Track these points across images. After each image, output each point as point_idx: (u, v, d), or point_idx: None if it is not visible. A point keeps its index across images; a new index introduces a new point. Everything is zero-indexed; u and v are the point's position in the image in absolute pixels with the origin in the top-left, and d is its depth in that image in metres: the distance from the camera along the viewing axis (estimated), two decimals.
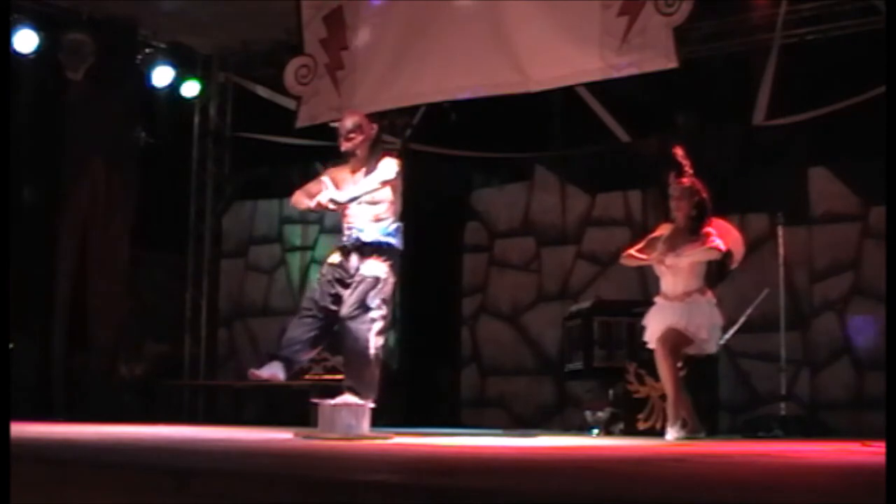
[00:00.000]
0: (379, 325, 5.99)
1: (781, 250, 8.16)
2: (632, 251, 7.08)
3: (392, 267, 6.14)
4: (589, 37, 7.94)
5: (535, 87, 8.29)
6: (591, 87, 8.87)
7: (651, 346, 6.94)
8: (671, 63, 7.57)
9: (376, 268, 6.07)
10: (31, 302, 9.52)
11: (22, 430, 5.36)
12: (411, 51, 8.78)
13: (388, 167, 6.20)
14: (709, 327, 6.83)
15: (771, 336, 8.21)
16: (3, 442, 3.63)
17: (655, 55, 7.63)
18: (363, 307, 5.97)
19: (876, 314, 8.20)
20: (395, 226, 6.22)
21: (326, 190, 6.13)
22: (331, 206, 6.11)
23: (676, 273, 6.84)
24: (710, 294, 6.86)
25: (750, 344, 8.50)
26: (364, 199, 6.17)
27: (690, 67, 7.89)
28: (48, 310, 9.78)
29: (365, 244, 6.11)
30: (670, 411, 6.82)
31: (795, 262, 8.50)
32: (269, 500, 2.71)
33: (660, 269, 6.96)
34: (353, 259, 6.13)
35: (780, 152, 8.80)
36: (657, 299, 6.98)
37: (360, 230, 6.15)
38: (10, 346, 8.96)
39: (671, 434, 6.72)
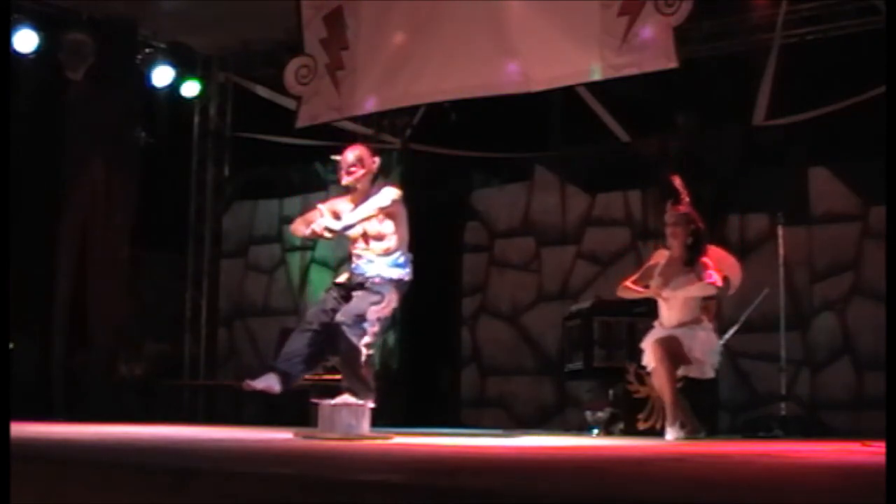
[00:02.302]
0: (368, 339, 5.96)
1: (781, 250, 8.16)
2: (629, 283, 7.10)
3: (398, 291, 6.14)
4: (589, 37, 7.94)
5: (535, 87, 8.29)
6: (591, 87, 8.86)
7: (650, 369, 6.97)
8: (671, 63, 7.57)
9: (383, 286, 6.07)
10: (31, 302, 9.52)
11: (22, 430, 5.35)
12: (411, 51, 8.78)
13: (386, 194, 6.21)
14: (703, 350, 6.85)
15: (771, 336, 8.21)
16: (3, 442, 3.63)
17: (655, 55, 7.63)
18: (360, 317, 5.96)
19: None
20: (403, 258, 6.21)
21: (322, 218, 6.12)
22: (326, 234, 6.11)
23: (671, 305, 6.88)
24: (705, 321, 6.90)
25: (750, 344, 8.50)
26: (370, 233, 6.16)
27: (690, 67, 7.88)
28: (48, 310, 9.77)
29: (371, 277, 6.11)
30: (669, 412, 6.83)
31: (795, 262, 8.50)
32: (269, 500, 2.71)
33: (658, 299, 6.99)
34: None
35: (780, 152, 8.80)
36: (655, 324, 7.03)
37: (370, 261, 6.13)
38: (10, 346, 8.95)
39: (671, 434, 6.72)
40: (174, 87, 10.89)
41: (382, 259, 6.15)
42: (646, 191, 9.51)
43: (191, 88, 11.10)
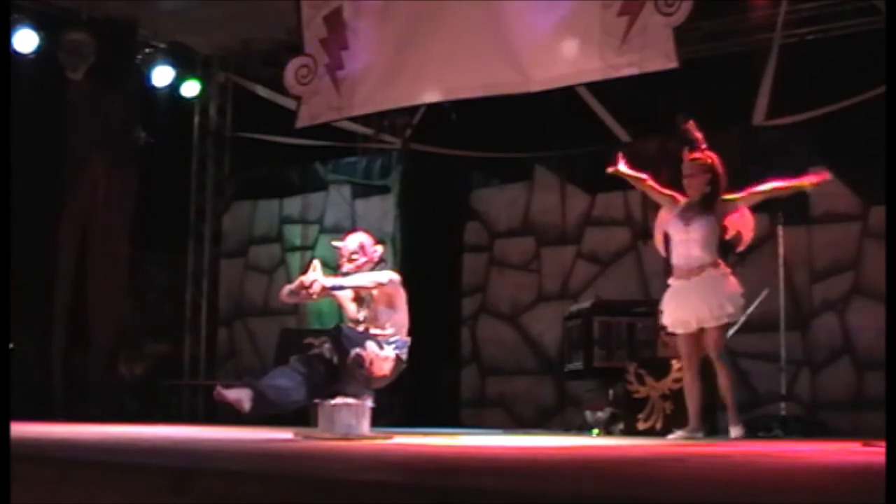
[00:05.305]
0: (359, 350, 5.89)
1: (781, 250, 8.15)
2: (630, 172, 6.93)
3: (396, 362, 6.02)
4: (589, 37, 7.94)
5: (535, 87, 8.30)
6: (591, 87, 8.86)
7: (669, 329, 6.85)
8: (671, 63, 7.57)
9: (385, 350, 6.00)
10: (31, 302, 9.52)
11: (22, 430, 5.36)
12: (411, 51, 8.79)
13: (385, 272, 6.12)
14: (731, 300, 6.65)
15: (771, 336, 8.20)
16: (3, 442, 3.63)
17: (655, 55, 7.63)
18: (364, 336, 5.92)
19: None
20: (401, 341, 6.11)
21: (314, 272, 5.97)
22: (315, 286, 5.89)
23: (689, 245, 6.66)
24: (723, 266, 6.70)
25: (750, 344, 8.49)
26: (367, 317, 6.09)
27: (690, 67, 7.88)
28: (48, 310, 9.78)
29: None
30: (692, 415, 6.76)
31: (795, 262, 8.49)
32: (269, 500, 2.71)
33: (673, 240, 6.75)
34: None
35: (780, 152, 8.79)
36: (671, 281, 6.81)
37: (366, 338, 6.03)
38: (10, 346, 8.96)
39: (673, 434, 6.70)
40: (174, 87, 10.90)
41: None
42: None
43: (191, 88, 11.11)
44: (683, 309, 6.72)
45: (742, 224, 6.79)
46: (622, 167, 6.95)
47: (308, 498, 2.67)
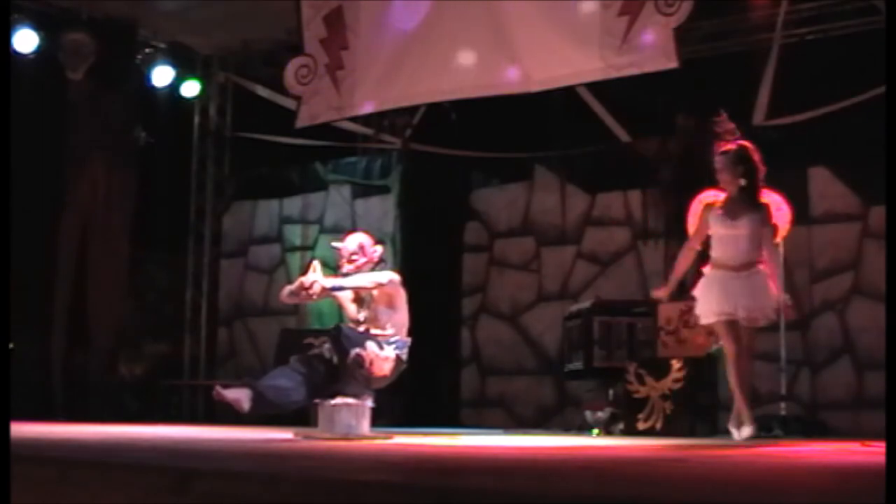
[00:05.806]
0: (359, 351, 5.85)
1: (781, 250, 8.15)
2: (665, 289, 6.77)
3: (396, 362, 5.98)
4: (589, 37, 7.94)
5: (535, 87, 8.30)
6: (591, 87, 8.86)
7: (702, 321, 6.60)
8: (671, 63, 7.57)
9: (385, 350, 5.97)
10: (31, 302, 9.52)
11: (22, 430, 5.36)
12: (412, 50, 8.79)
13: (385, 273, 6.09)
14: (772, 304, 6.43)
15: (771, 336, 8.20)
16: (3, 442, 3.63)
17: (655, 55, 7.63)
18: (364, 336, 5.89)
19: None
20: (401, 341, 6.07)
21: (314, 273, 5.93)
22: (315, 287, 5.84)
23: (738, 240, 6.44)
24: (765, 266, 6.52)
25: None
26: (367, 317, 6.07)
27: (690, 67, 7.88)
28: (48, 310, 9.78)
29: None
30: (745, 411, 6.62)
31: (795, 262, 8.49)
32: (269, 500, 2.71)
33: (717, 235, 6.52)
34: None
35: (780, 152, 8.79)
36: (710, 270, 6.55)
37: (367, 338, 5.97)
38: (11, 346, 8.96)
39: (746, 431, 6.57)
40: (174, 87, 10.91)
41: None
42: (646, 191, 9.51)
43: (191, 88, 11.11)
44: (728, 301, 6.44)
45: (778, 217, 6.77)
46: (663, 293, 6.78)
47: (308, 498, 2.67)
